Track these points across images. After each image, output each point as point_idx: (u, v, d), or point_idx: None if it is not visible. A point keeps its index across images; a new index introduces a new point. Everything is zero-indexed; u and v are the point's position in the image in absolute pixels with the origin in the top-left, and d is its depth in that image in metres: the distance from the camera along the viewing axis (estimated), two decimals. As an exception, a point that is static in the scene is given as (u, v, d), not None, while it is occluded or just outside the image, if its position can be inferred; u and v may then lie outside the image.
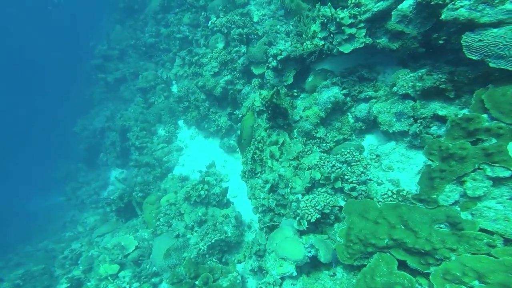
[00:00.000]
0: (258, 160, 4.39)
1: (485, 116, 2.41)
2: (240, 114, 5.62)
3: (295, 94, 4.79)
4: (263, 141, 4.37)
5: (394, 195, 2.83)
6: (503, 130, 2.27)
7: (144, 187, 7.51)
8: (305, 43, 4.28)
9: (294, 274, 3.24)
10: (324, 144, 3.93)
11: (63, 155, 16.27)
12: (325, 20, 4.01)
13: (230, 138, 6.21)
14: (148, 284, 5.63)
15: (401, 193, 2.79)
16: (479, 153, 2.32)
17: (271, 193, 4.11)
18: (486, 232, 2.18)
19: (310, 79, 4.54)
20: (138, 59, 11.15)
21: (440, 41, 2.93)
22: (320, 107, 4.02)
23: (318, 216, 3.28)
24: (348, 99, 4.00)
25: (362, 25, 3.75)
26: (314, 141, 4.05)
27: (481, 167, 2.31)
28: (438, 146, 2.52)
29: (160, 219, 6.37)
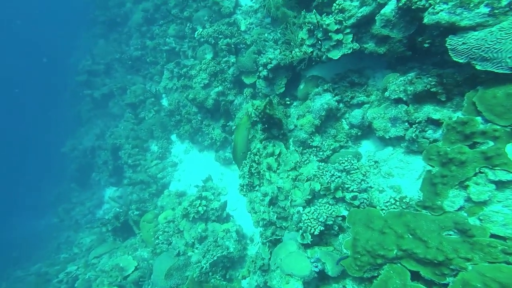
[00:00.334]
0: (256, 173, 4.31)
1: (479, 119, 2.41)
2: (234, 126, 5.55)
3: (288, 103, 4.75)
4: (259, 153, 4.31)
5: (397, 203, 2.80)
6: (499, 133, 2.27)
7: (140, 205, 7.33)
8: (294, 51, 4.26)
9: (302, 291, 3.16)
10: (321, 153, 3.89)
11: (53, 177, 15.84)
12: (312, 27, 4.00)
13: (226, 151, 6.12)
14: (151, 307, 5.45)
15: (404, 200, 2.76)
16: (479, 157, 2.31)
17: (271, 206, 4.04)
18: (497, 238, 2.15)
19: (302, 87, 4.51)
20: (125, 73, 10.96)
21: (426, 44, 2.95)
22: (314, 115, 3.99)
23: (322, 228, 3.22)
24: (341, 105, 3.98)
25: (348, 31, 3.74)
26: (311, 150, 4.01)
27: (482, 171, 2.30)
28: (437, 151, 2.50)
29: (159, 237, 6.21)
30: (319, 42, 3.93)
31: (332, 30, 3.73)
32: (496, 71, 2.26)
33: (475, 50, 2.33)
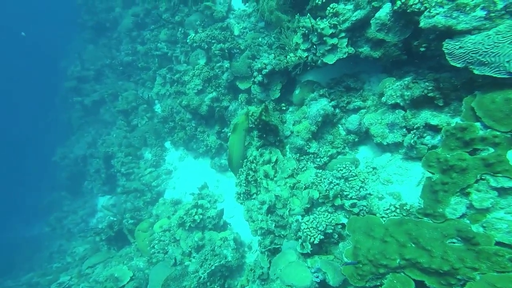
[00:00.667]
0: (252, 181, 4.23)
1: (478, 125, 2.38)
2: (229, 132, 5.45)
3: (284, 108, 4.69)
4: (256, 161, 4.23)
5: (398, 210, 2.75)
6: (499, 139, 2.24)
7: (135, 214, 7.15)
8: (289, 56, 4.21)
9: (304, 302, 3.08)
10: (318, 159, 3.84)
11: (44, 185, 15.43)
12: (306, 31, 3.95)
13: (221, 157, 6.02)
14: (148, 321, 5.30)
15: (405, 208, 2.72)
16: (479, 164, 2.28)
17: (269, 215, 3.96)
18: (503, 246, 2.10)
19: (297, 92, 4.46)
20: (116, 79, 10.75)
21: (422, 48, 2.92)
22: (311, 121, 3.93)
23: (321, 237, 3.16)
24: (337, 111, 3.94)
25: (343, 35, 3.71)
26: (308, 157, 3.94)
27: (484, 178, 2.26)
28: (436, 158, 2.47)
29: (155, 246, 6.06)
30: (314, 47, 3.88)
31: (327, 34, 3.69)
32: (494, 76, 2.23)
33: (473, 54, 2.30)
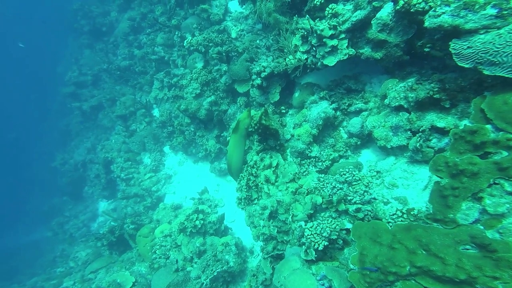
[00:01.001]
0: (253, 186, 4.15)
1: (489, 127, 2.29)
2: (228, 137, 5.37)
3: (283, 111, 4.62)
4: (256, 166, 4.15)
5: (405, 215, 2.67)
6: (514, 142, 2.15)
7: (136, 219, 7.09)
8: (288, 58, 4.13)
9: (309, 311, 3.00)
10: (320, 163, 3.76)
11: (45, 190, 15.38)
12: (305, 33, 3.88)
13: (221, 162, 5.94)
14: (150, 328, 5.23)
15: (412, 213, 2.64)
16: (492, 168, 2.19)
17: (271, 220, 3.88)
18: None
19: (297, 95, 4.38)
20: (114, 84, 10.67)
21: (426, 49, 2.84)
22: (311, 124, 3.86)
23: (326, 244, 3.08)
24: (339, 113, 3.86)
25: (343, 36, 3.63)
26: (309, 161, 3.87)
27: (497, 182, 2.17)
28: (445, 162, 2.38)
29: (157, 251, 6.01)
30: (314, 49, 3.81)
31: (327, 36, 3.61)
32: (506, 76, 2.14)
33: (482, 54, 2.22)
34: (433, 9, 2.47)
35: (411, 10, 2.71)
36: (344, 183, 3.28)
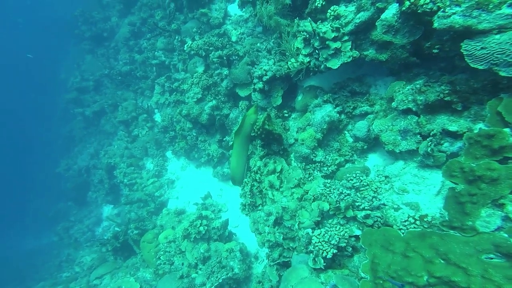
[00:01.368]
0: (258, 192, 4.08)
1: (508, 131, 2.18)
2: (231, 141, 5.31)
3: (286, 115, 4.54)
4: (260, 172, 4.08)
5: (418, 222, 2.57)
6: (536, 146, 2.05)
7: (139, 224, 7.07)
8: (290, 61, 4.06)
9: (319, 322, 2.92)
10: (326, 168, 3.67)
11: (50, 196, 15.47)
12: (307, 36, 3.80)
13: (224, 166, 5.87)
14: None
15: (426, 219, 2.53)
16: (514, 173, 2.08)
17: (276, 227, 3.80)
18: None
19: (300, 98, 4.30)
20: (115, 89, 10.67)
21: (435, 50, 2.75)
22: (315, 128, 3.77)
23: (335, 251, 2.99)
24: (343, 116, 3.77)
25: (347, 38, 3.55)
26: (314, 166, 3.78)
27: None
28: (460, 168, 2.28)
29: (161, 257, 5.97)
30: (316, 51, 3.73)
31: (330, 38, 3.53)
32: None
33: (498, 55, 2.12)
34: (442, 10, 2.38)
35: (418, 11, 2.63)
36: (352, 189, 3.19)
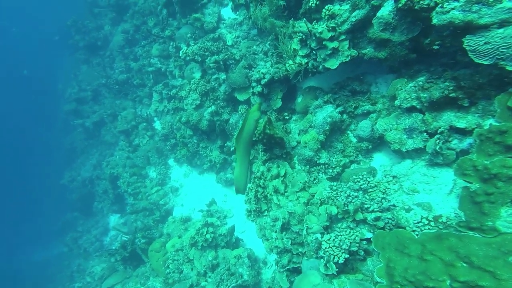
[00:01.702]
0: (262, 198, 4.03)
1: (521, 126, 2.11)
2: (233, 147, 5.26)
3: (287, 117, 4.48)
4: (264, 177, 4.02)
5: (432, 223, 2.48)
6: (553, 142, 1.97)
7: (146, 233, 7.09)
8: (288, 63, 3.99)
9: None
10: (331, 170, 3.61)
11: (57, 207, 15.58)
12: (303, 37, 3.73)
13: (227, 172, 5.83)
14: None
15: (440, 220, 2.45)
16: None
17: (284, 232, 3.75)
18: None
19: (300, 100, 4.24)
20: (114, 98, 10.64)
21: (435, 46, 2.67)
22: (318, 130, 3.71)
23: (347, 256, 2.94)
24: (345, 116, 3.71)
25: (344, 37, 3.48)
26: (319, 168, 3.72)
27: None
28: (472, 165, 2.20)
29: (170, 266, 5.97)
30: (314, 52, 3.66)
31: (326, 38, 3.46)
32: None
33: (504, 50, 2.05)
34: (440, 5, 2.31)
35: (415, 8, 2.55)
36: (359, 191, 3.13)
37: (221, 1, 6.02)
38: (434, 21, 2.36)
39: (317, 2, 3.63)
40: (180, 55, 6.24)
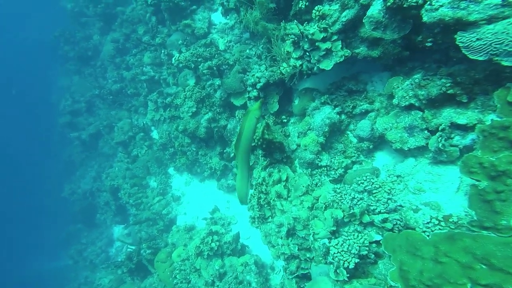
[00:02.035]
0: (265, 204, 3.98)
1: (524, 120, 2.07)
2: (232, 153, 5.20)
3: (285, 120, 4.43)
4: (266, 182, 3.97)
5: (442, 223, 2.44)
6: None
7: (151, 243, 7.04)
8: (282, 66, 3.93)
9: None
10: (333, 172, 3.57)
11: (59, 220, 15.49)
12: (296, 39, 3.67)
13: (228, 178, 5.78)
14: None
15: (451, 220, 2.40)
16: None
17: (290, 238, 3.71)
18: None
19: (297, 102, 4.19)
20: (108, 109, 10.53)
21: (428, 43, 2.64)
22: (317, 132, 3.66)
23: (357, 261, 2.89)
24: (343, 117, 3.66)
25: (336, 38, 3.43)
26: (321, 171, 3.68)
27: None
28: (478, 163, 2.15)
29: (177, 276, 5.92)
30: (307, 54, 3.61)
31: (319, 39, 3.41)
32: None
33: (496, 45, 2.02)
34: (429, 3, 2.27)
35: (404, 6, 2.52)
36: (364, 192, 3.09)
37: (211, 7, 5.95)
38: (425, 19, 2.33)
39: (307, 3, 3.58)
40: (173, 62, 6.17)
